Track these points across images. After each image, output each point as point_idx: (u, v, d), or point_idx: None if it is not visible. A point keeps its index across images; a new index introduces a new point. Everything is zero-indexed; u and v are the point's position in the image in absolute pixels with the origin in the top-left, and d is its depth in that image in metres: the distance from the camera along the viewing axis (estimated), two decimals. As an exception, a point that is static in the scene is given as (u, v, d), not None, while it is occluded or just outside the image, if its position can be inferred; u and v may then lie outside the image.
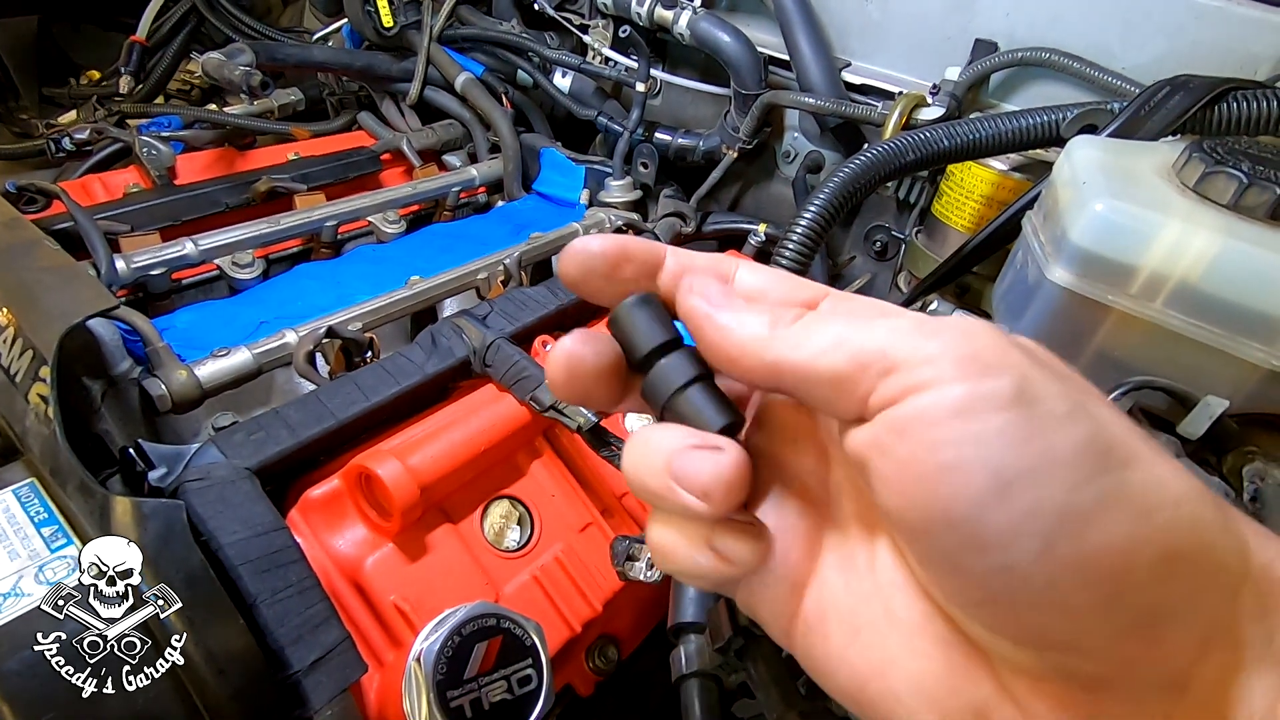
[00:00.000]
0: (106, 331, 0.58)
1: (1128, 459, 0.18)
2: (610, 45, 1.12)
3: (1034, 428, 0.17)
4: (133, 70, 1.21)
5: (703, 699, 0.43)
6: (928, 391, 0.18)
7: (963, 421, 0.17)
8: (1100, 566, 0.17)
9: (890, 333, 0.19)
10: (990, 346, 0.18)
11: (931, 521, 0.18)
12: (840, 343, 0.20)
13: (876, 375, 0.19)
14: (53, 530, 0.44)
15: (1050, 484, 0.17)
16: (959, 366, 0.18)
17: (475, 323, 0.68)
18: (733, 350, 0.22)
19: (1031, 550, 0.17)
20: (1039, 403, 0.18)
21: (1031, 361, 0.19)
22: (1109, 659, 0.18)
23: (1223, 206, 0.47)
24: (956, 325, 0.19)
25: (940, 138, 0.66)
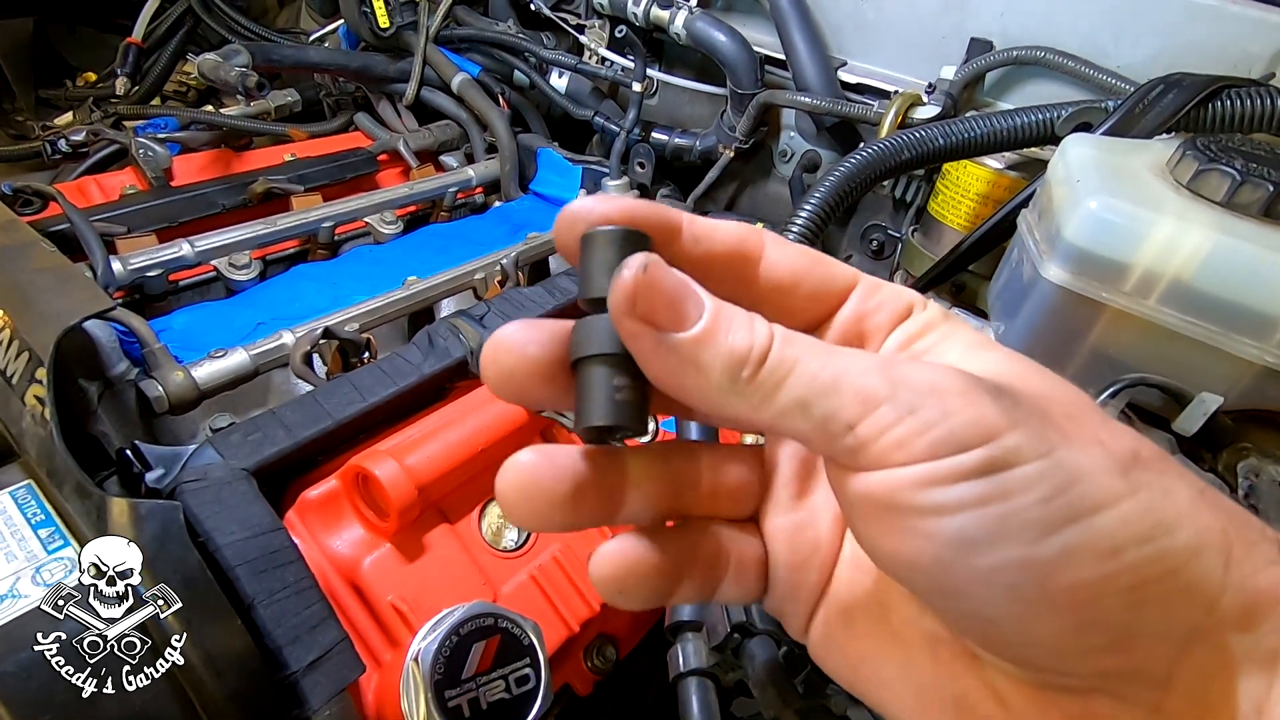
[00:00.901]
0: (103, 333, 0.58)
1: (1097, 504, 0.18)
2: (606, 45, 1.13)
3: (997, 493, 0.17)
4: (128, 72, 1.21)
5: (700, 697, 0.43)
6: (895, 469, 0.18)
7: (926, 493, 0.18)
8: (1067, 604, 0.18)
9: (861, 406, 0.18)
10: (966, 416, 0.18)
11: (899, 570, 0.19)
12: (805, 408, 0.19)
13: (844, 452, 0.19)
14: (50, 532, 0.44)
15: (1013, 543, 0.17)
16: (930, 446, 0.18)
17: (472, 323, 0.68)
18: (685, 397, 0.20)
19: (997, 598, 0.18)
20: (1006, 468, 0.18)
21: (1010, 418, 0.18)
22: (1088, 674, 0.19)
23: (1216, 204, 0.48)
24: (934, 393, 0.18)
25: (936, 136, 0.66)
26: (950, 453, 0.18)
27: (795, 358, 0.19)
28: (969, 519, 0.17)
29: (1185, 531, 0.18)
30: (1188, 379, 0.49)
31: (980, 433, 0.18)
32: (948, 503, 0.17)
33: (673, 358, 0.19)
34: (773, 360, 0.19)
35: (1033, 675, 0.20)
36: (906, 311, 0.23)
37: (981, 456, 0.17)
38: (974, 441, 0.18)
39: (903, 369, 0.19)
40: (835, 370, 0.19)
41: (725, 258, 0.22)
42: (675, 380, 0.19)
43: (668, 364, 0.19)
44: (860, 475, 0.19)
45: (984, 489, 0.17)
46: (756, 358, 0.19)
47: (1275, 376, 0.45)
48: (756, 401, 0.19)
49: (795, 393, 0.19)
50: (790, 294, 0.23)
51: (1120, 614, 0.18)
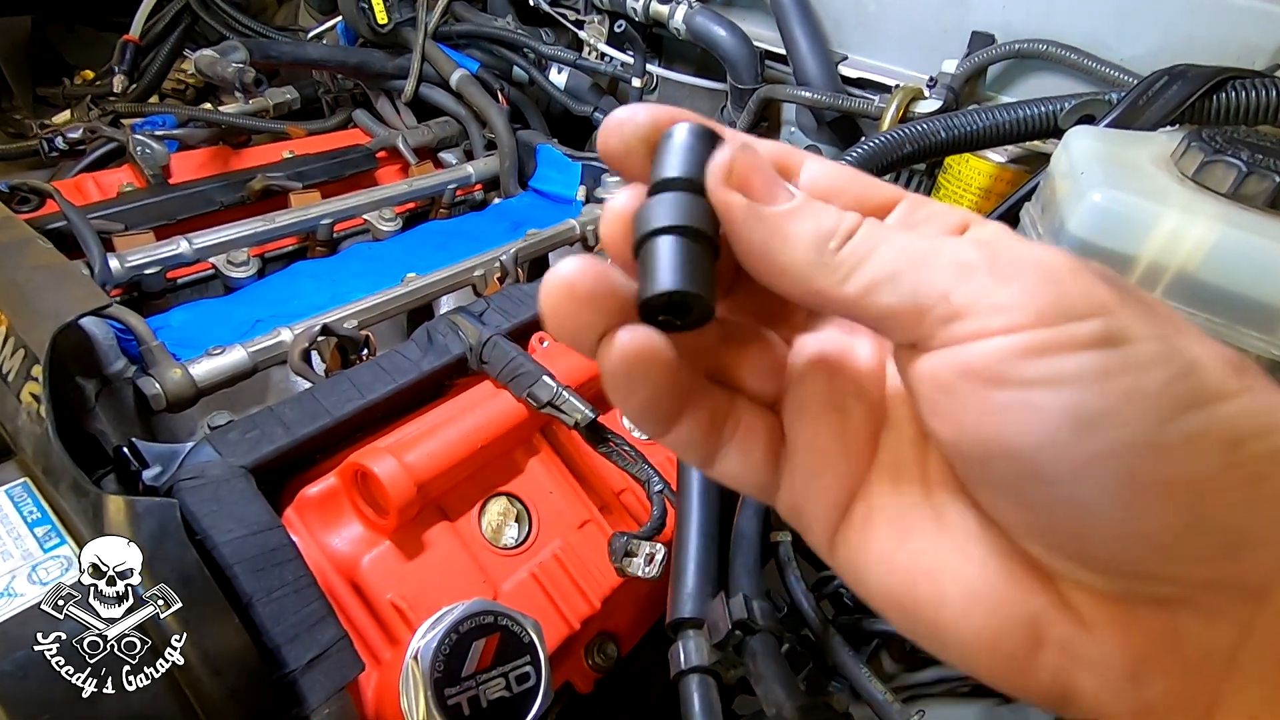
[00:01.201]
0: (100, 331, 0.58)
1: (1219, 393, 0.17)
2: (606, 40, 1.12)
3: (1121, 368, 0.16)
4: (126, 69, 1.21)
5: (702, 694, 0.42)
6: (1001, 336, 0.17)
7: (1039, 361, 0.16)
8: (1183, 497, 0.16)
9: (957, 274, 0.17)
10: (1075, 288, 0.17)
11: (990, 453, 0.17)
12: (895, 279, 0.18)
13: (937, 321, 0.17)
14: (46, 530, 0.44)
15: (1135, 424, 0.16)
16: (1039, 313, 0.16)
17: (471, 319, 0.68)
18: (770, 269, 0.19)
19: (1107, 485, 0.16)
20: (1126, 343, 0.16)
21: (1121, 298, 0.17)
22: (1185, 582, 0.17)
23: (1221, 195, 0.47)
24: (1038, 264, 0.17)
25: (937, 130, 0.66)
26: (1062, 321, 0.16)
27: (884, 234, 0.19)
28: (1088, 394, 0.16)
29: None
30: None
31: (1093, 305, 0.16)
32: (1064, 373, 0.16)
33: (762, 227, 0.19)
34: (861, 234, 0.19)
35: (1118, 585, 0.18)
36: (961, 227, 0.21)
37: (1100, 327, 0.16)
38: (1087, 312, 0.16)
39: (1001, 243, 0.18)
40: (927, 245, 0.18)
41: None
42: (761, 251, 0.19)
43: (756, 233, 0.19)
44: (955, 348, 0.17)
45: (1106, 361, 0.16)
46: (845, 231, 0.19)
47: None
48: (843, 274, 0.18)
49: (884, 265, 0.18)
50: (831, 203, 0.22)
51: (1233, 512, 0.16)
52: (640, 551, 0.55)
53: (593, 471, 0.67)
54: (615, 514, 0.67)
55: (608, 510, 0.67)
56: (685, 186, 0.20)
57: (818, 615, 0.57)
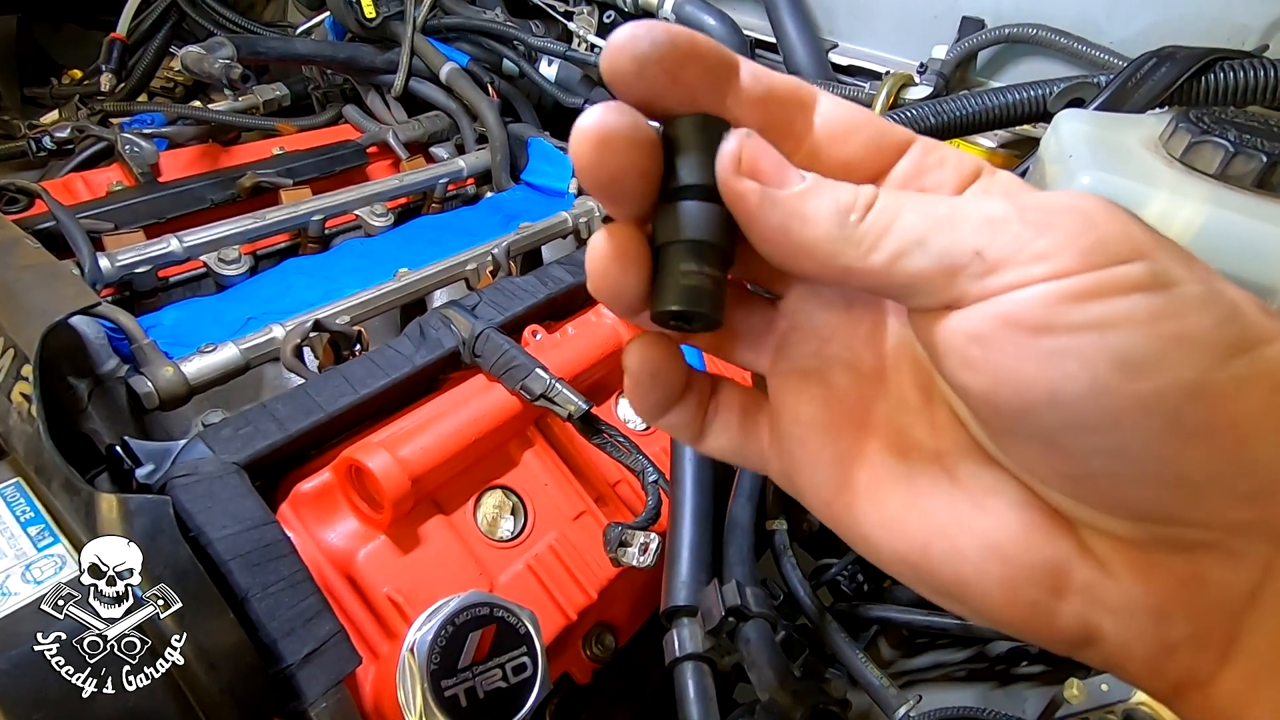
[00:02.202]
0: (91, 330, 0.58)
1: (1265, 336, 0.16)
2: (596, 31, 1.12)
3: (1170, 310, 0.16)
4: (114, 68, 1.20)
5: (697, 681, 0.43)
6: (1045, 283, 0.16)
7: (1087, 305, 0.16)
8: (1229, 439, 0.16)
9: (989, 228, 0.17)
10: (1114, 229, 0.16)
11: (1030, 403, 0.17)
12: (924, 242, 0.17)
13: (972, 278, 0.17)
14: (39, 529, 0.44)
15: (1183, 365, 0.16)
16: (1082, 257, 0.16)
17: (464, 313, 0.68)
18: (792, 251, 0.19)
19: (1152, 428, 0.16)
20: (1172, 285, 0.16)
21: (1156, 240, 0.17)
22: (1215, 526, 0.17)
23: (1209, 176, 0.47)
24: (1072, 208, 0.17)
25: (927, 115, 0.66)
26: (1107, 264, 0.16)
27: (903, 201, 0.18)
28: (1139, 337, 0.16)
29: None
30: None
31: (1134, 249, 0.16)
32: (1115, 316, 0.16)
33: (779, 210, 0.19)
34: (882, 203, 0.18)
35: (1145, 531, 0.18)
36: (973, 175, 0.20)
37: (1145, 270, 0.16)
38: (1130, 255, 0.16)
39: (1025, 194, 0.17)
40: (951, 205, 0.18)
41: (783, 99, 0.21)
42: (781, 234, 0.19)
43: (774, 217, 0.19)
44: (995, 300, 0.17)
45: (1155, 304, 0.16)
46: (865, 203, 0.18)
47: (1270, 349, 0.45)
48: (868, 245, 0.18)
49: (911, 230, 0.18)
50: (845, 142, 0.21)
51: (1273, 454, 0.16)
52: (635, 541, 0.55)
53: (587, 463, 0.67)
54: (610, 505, 0.67)
55: (603, 501, 0.67)
56: (698, 194, 0.20)
57: (814, 603, 0.57)
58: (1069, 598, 0.19)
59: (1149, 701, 0.52)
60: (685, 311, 0.20)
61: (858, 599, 0.74)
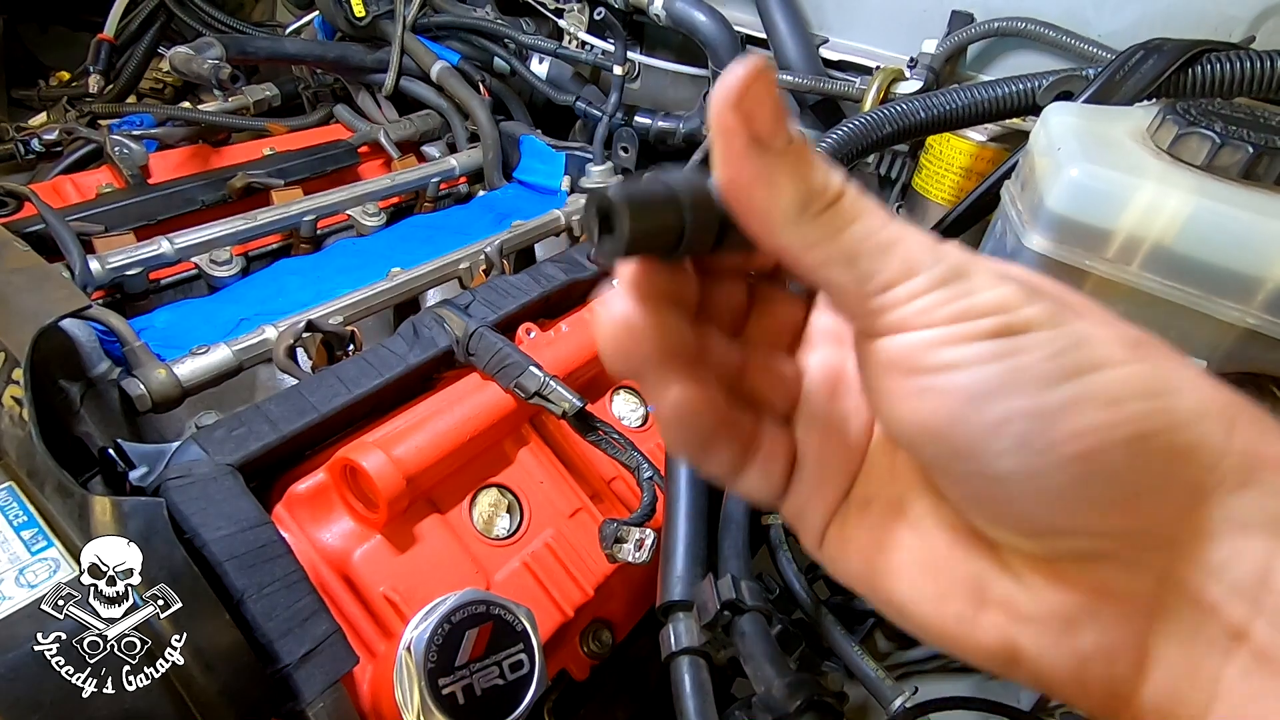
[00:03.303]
0: (83, 333, 0.58)
1: (1101, 363, 0.19)
2: (586, 29, 1.11)
3: (1009, 350, 0.19)
4: (102, 69, 1.19)
5: (692, 675, 0.43)
6: (918, 332, 0.19)
7: (944, 351, 0.19)
8: (1072, 452, 0.18)
9: (903, 271, 0.19)
10: (988, 294, 0.19)
11: (914, 433, 0.20)
12: (853, 260, 0.20)
13: (874, 310, 0.20)
14: (33, 533, 0.44)
15: (1021, 393, 0.19)
16: (952, 315, 0.19)
17: (457, 312, 0.68)
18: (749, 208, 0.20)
19: (1006, 450, 0.19)
20: (1019, 332, 0.19)
21: (1029, 298, 0.19)
22: (1096, 531, 0.20)
23: (1196, 168, 0.47)
24: (962, 265, 0.20)
25: (917, 109, 0.66)
26: (970, 319, 0.19)
27: (863, 210, 0.20)
28: (981, 372, 0.19)
29: (1188, 396, 0.19)
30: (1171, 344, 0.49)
31: (999, 307, 0.19)
32: (962, 359, 0.19)
33: (753, 164, 0.20)
34: (843, 204, 0.20)
35: (1044, 545, 0.20)
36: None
37: (996, 322, 0.19)
38: (991, 312, 0.19)
39: (946, 248, 0.20)
40: (894, 234, 0.20)
41: None
42: (746, 190, 0.20)
43: (746, 169, 0.20)
44: (884, 340, 0.20)
45: (996, 347, 0.19)
46: (830, 196, 0.20)
47: (1257, 338, 0.45)
48: (813, 239, 0.20)
49: (851, 241, 0.20)
50: None
51: (1123, 465, 0.19)
52: (630, 538, 0.55)
53: (582, 460, 0.67)
54: (606, 502, 0.67)
55: (598, 498, 0.67)
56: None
57: (810, 596, 0.57)
58: (989, 610, 0.21)
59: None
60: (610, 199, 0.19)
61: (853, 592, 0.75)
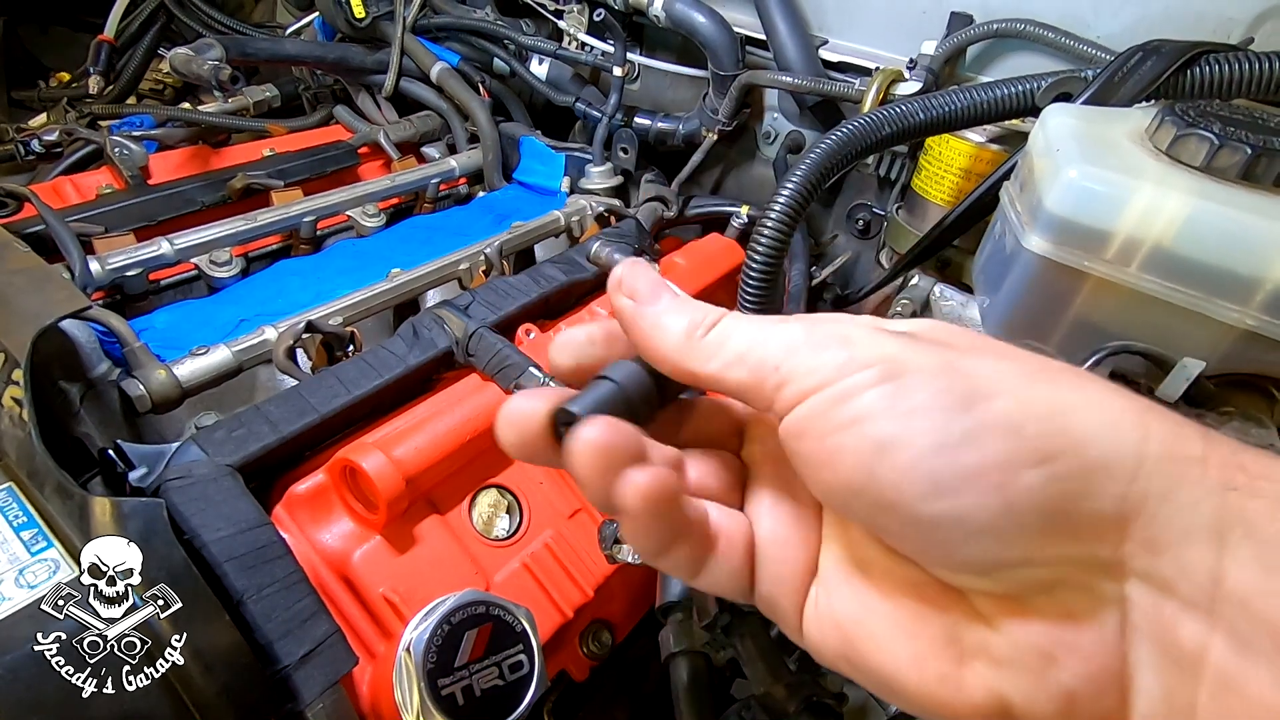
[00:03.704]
0: (82, 334, 0.58)
1: (992, 393, 0.19)
2: (586, 30, 1.11)
3: (900, 394, 0.20)
4: (102, 70, 1.19)
5: (691, 675, 0.43)
6: (814, 395, 0.21)
7: (841, 407, 0.20)
8: (985, 484, 0.19)
9: (785, 351, 0.22)
10: (864, 345, 0.21)
11: (843, 496, 0.21)
12: (743, 358, 0.22)
13: (774, 388, 0.22)
14: (32, 534, 0.44)
15: (918, 435, 0.19)
16: (837, 369, 0.21)
17: (457, 313, 0.68)
18: (655, 354, 0.24)
19: (924, 492, 0.19)
20: (904, 374, 0.20)
21: (909, 344, 0.21)
22: (1042, 562, 0.20)
23: (1195, 169, 0.47)
24: (836, 334, 0.22)
25: (916, 111, 0.66)
26: (851, 369, 0.20)
27: (738, 324, 0.23)
28: (878, 422, 0.20)
29: (1090, 411, 0.19)
30: (1170, 345, 0.49)
31: (878, 356, 0.20)
32: (860, 412, 0.20)
33: (645, 322, 0.24)
34: (721, 326, 0.24)
35: (1001, 581, 0.20)
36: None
37: (880, 368, 0.20)
38: (872, 362, 0.20)
39: (820, 324, 0.22)
40: (768, 329, 0.23)
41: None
42: (646, 339, 0.24)
43: (640, 326, 0.24)
44: (792, 413, 0.21)
45: (887, 392, 0.20)
46: (708, 322, 0.24)
47: (1256, 339, 0.45)
48: (705, 355, 0.23)
49: (736, 347, 0.23)
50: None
51: (1040, 489, 0.19)
52: (630, 538, 0.55)
53: (582, 461, 0.67)
54: (606, 503, 0.67)
55: (598, 499, 0.67)
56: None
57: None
58: (970, 664, 0.21)
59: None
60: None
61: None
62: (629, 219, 0.97)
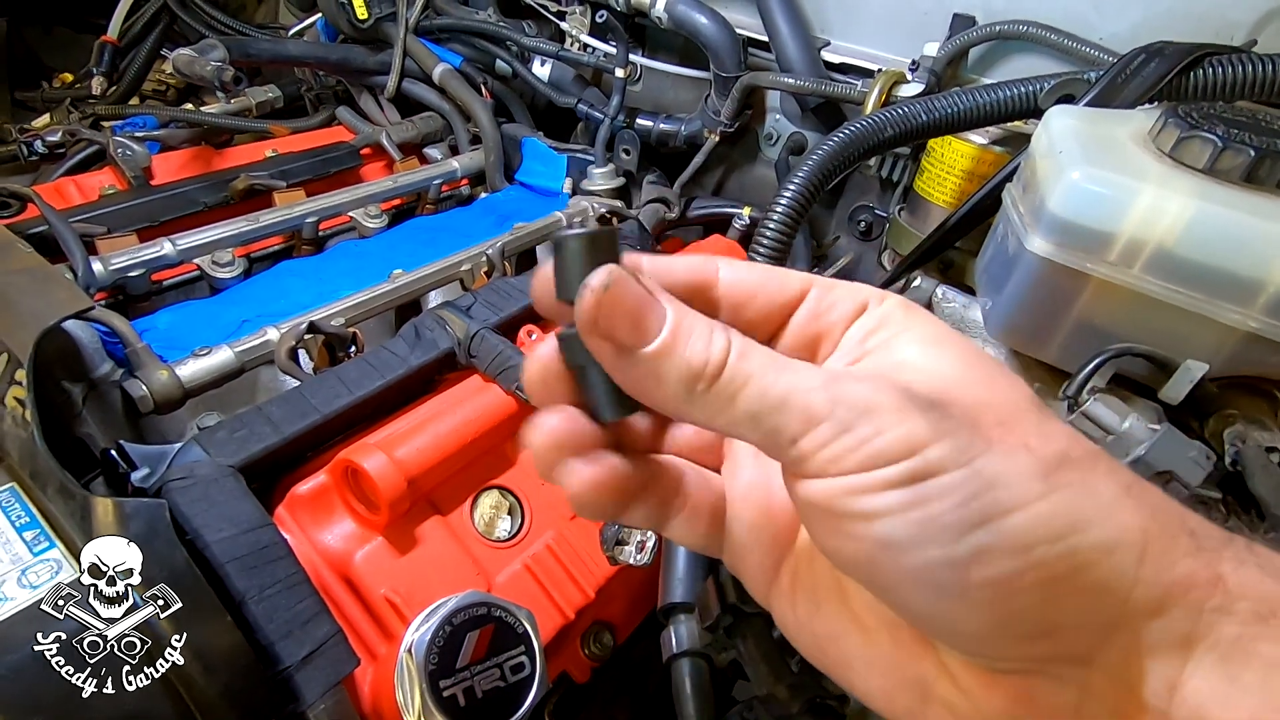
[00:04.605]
0: (85, 334, 0.58)
1: (1010, 507, 0.19)
2: (588, 31, 1.12)
3: (917, 500, 0.19)
4: (105, 71, 1.19)
5: (693, 677, 0.43)
6: (832, 479, 0.20)
7: (857, 500, 0.20)
8: (985, 599, 0.19)
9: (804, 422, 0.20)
10: (890, 428, 0.20)
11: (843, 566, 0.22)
12: (756, 421, 0.21)
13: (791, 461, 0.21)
14: (35, 534, 0.44)
15: (932, 545, 0.19)
16: (861, 461, 0.20)
17: (459, 314, 0.68)
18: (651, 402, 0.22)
19: (925, 594, 0.20)
20: (926, 477, 0.19)
21: (939, 429, 0.20)
22: (1019, 658, 0.21)
23: (1198, 171, 0.47)
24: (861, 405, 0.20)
25: (918, 112, 0.66)
26: (879, 466, 0.19)
27: (749, 373, 0.21)
28: (893, 523, 0.19)
29: (1099, 529, 0.19)
30: (1173, 347, 0.49)
31: (906, 447, 0.19)
32: (875, 509, 0.20)
33: (634, 370, 0.21)
34: (726, 375, 0.21)
35: (975, 660, 0.21)
36: (860, 309, 0.24)
37: (904, 469, 0.19)
38: (900, 455, 0.19)
39: (844, 386, 0.20)
40: (784, 387, 0.20)
41: (685, 288, 0.24)
42: (639, 390, 0.22)
43: (630, 376, 0.22)
44: (805, 482, 0.21)
45: (906, 497, 0.19)
46: (711, 372, 0.21)
47: (1259, 342, 0.45)
48: (712, 412, 0.21)
49: (747, 407, 0.21)
50: (747, 307, 0.24)
51: (1036, 607, 0.19)
52: (631, 540, 0.55)
53: (584, 462, 0.67)
54: (607, 504, 0.67)
55: (600, 500, 0.67)
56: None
57: (810, 598, 0.57)
58: (933, 708, 0.22)
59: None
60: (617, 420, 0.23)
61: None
62: (631, 220, 0.98)
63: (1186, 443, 0.46)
